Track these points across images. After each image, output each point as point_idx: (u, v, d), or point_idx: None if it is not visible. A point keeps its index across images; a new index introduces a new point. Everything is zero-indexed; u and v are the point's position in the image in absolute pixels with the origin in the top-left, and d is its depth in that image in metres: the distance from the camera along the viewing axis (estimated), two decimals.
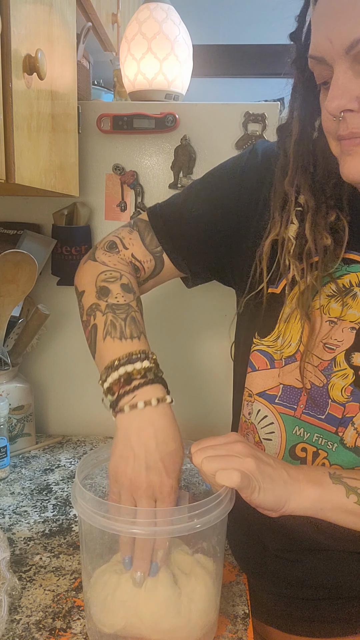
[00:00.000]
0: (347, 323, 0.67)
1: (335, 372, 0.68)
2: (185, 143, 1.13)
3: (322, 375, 0.69)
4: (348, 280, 0.67)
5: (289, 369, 0.71)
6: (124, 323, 0.68)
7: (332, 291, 0.67)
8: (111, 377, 0.64)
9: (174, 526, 0.56)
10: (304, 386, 0.70)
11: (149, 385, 0.63)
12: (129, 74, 1.16)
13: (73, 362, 1.28)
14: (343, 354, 0.67)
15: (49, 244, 1.20)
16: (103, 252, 0.78)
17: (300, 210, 0.68)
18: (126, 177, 1.18)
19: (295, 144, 0.67)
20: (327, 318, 0.67)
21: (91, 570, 0.64)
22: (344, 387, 0.68)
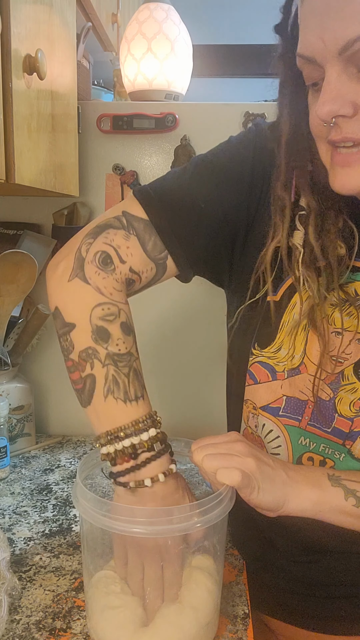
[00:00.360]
0: (352, 334, 0.64)
1: (343, 385, 0.65)
2: (185, 143, 1.13)
3: (329, 388, 0.66)
4: (353, 289, 0.64)
5: (294, 381, 0.68)
6: (127, 380, 0.62)
7: (336, 300, 0.63)
8: (114, 446, 0.60)
9: (174, 525, 0.56)
10: (309, 399, 0.67)
11: (155, 460, 0.60)
12: (129, 74, 1.16)
13: None
14: (352, 367, 0.65)
15: (49, 244, 1.20)
16: (95, 269, 0.65)
17: (305, 214, 0.64)
18: (126, 177, 1.18)
19: (287, 144, 0.63)
20: (333, 329, 0.64)
21: (92, 570, 0.64)
22: (353, 402, 0.65)
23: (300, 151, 0.62)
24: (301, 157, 0.62)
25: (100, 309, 0.64)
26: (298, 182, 0.63)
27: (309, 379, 0.66)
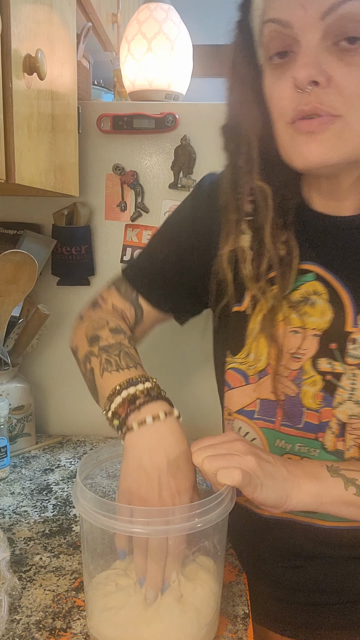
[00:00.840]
0: (309, 331, 0.67)
1: (304, 380, 0.68)
2: (185, 143, 1.13)
3: (294, 384, 0.69)
4: (305, 290, 0.68)
5: (263, 383, 0.71)
6: (118, 358, 0.68)
7: (292, 302, 0.68)
8: (114, 402, 0.63)
9: (175, 525, 0.56)
10: (278, 398, 0.70)
11: (154, 401, 0.62)
12: (129, 74, 1.16)
13: (73, 362, 1.27)
14: (310, 362, 0.68)
15: (49, 244, 1.20)
16: (87, 309, 0.81)
17: (252, 219, 0.68)
18: (126, 177, 1.18)
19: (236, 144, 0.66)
20: (291, 329, 0.68)
21: (92, 569, 0.64)
22: (315, 394, 0.68)
23: (252, 153, 0.65)
24: (252, 157, 0.65)
25: (91, 325, 0.75)
26: (245, 187, 0.66)
27: (276, 380, 0.70)
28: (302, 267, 0.68)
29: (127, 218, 1.20)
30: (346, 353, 0.66)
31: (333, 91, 0.55)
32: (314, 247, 0.68)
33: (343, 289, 0.66)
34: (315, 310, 0.67)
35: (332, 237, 0.68)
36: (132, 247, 1.21)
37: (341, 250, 0.67)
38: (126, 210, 1.20)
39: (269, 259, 0.67)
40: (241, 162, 0.66)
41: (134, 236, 1.21)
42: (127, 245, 1.22)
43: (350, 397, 0.66)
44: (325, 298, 0.67)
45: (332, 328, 0.66)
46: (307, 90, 0.55)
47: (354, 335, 0.65)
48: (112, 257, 1.23)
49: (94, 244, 1.22)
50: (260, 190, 0.66)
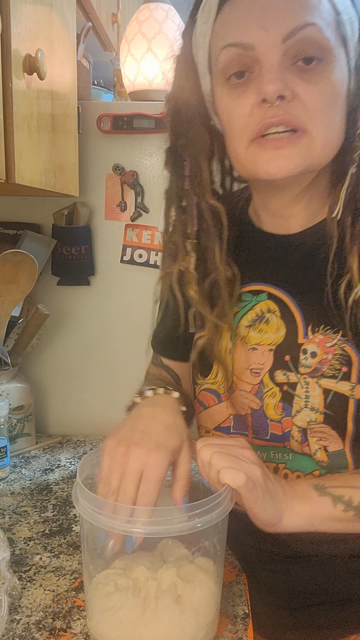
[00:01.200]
0: (265, 346, 0.71)
1: (265, 392, 0.71)
2: None
3: (257, 398, 0.72)
4: (259, 309, 0.71)
5: (232, 399, 0.75)
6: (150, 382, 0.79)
7: (249, 321, 0.72)
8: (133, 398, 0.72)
9: (174, 525, 0.56)
10: (247, 412, 0.73)
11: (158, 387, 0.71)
12: (129, 74, 1.16)
13: (73, 362, 1.28)
14: (267, 375, 0.71)
15: (49, 244, 1.20)
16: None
17: (196, 242, 0.71)
18: (126, 177, 1.18)
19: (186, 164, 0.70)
20: (250, 347, 0.72)
21: (92, 570, 0.64)
22: (275, 405, 0.71)
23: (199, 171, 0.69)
24: (200, 178, 0.69)
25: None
26: (192, 208, 0.70)
27: (242, 395, 0.73)
28: (255, 288, 0.72)
29: (127, 218, 1.20)
30: (299, 363, 0.68)
31: (298, 105, 0.58)
32: (265, 268, 0.72)
33: (293, 304, 0.69)
34: (270, 327, 0.70)
35: (280, 255, 0.71)
36: (132, 247, 1.21)
37: (289, 267, 0.70)
38: (126, 210, 1.20)
39: (215, 281, 0.71)
40: (187, 185, 0.70)
41: (134, 236, 1.21)
42: (127, 245, 1.22)
43: (306, 404, 0.68)
44: (278, 315, 0.70)
45: (285, 341, 0.69)
46: (275, 104, 0.58)
47: (305, 346, 0.68)
48: (112, 257, 1.23)
49: (94, 244, 1.22)
50: (212, 210, 0.69)
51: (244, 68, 0.60)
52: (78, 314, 1.26)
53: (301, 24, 0.57)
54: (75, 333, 1.27)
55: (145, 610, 0.58)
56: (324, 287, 0.65)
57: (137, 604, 0.59)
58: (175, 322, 0.79)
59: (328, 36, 0.58)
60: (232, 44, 0.60)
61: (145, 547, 0.66)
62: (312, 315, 0.67)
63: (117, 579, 0.61)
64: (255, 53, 0.58)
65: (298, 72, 0.58)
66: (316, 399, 0.67)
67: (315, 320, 0.67)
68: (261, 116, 0.59)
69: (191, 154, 0.69)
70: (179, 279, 0.73)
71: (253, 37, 0.58)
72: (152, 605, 0.58)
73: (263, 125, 0.59)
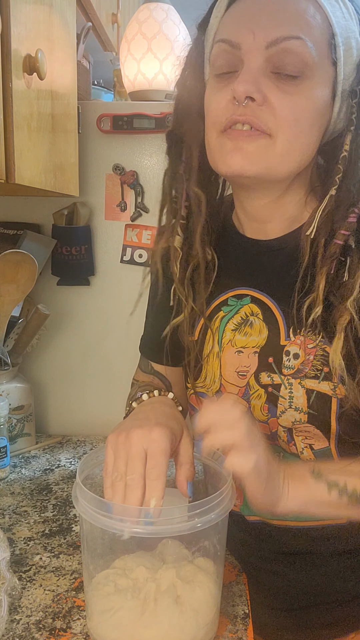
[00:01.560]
0: (250, 349, 0.72)
1: (251, 394, 0.72)
2: None
3: (244, 400, 0.73)
4: (244, 313, 0.73)
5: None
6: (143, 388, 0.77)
7: (235, 325, 0.74)
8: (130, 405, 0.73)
9: (175, 525, 0.56)
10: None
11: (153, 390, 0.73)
12: (129, 74, 1.16)
13: (73, 362, 1.28)
14: (253, 377, 0.72)
15: (49, 244, 1.20)
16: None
17: (184, 223, 0.74)
18: (126, 177, 1.18)
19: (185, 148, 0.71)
20: (236, 349, 0.73)
21: (92, 570, 0.64)
22: (261, 407, 0.71)
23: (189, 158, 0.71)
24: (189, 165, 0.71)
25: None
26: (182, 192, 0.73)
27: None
28: (240, 293, 0.74)
29: (127, 218, 1.20)
30: (282, 365, 0.69)
31: (267, 110, 0.61)
32: (248, 272, 0.74)
33: (275, 307, 0.71)
34: (254, 330, 0.72)
35: (263, 260, 0.73)
36: (132, 247, 1.21)
37: (270, 272, 0.72)
38: (126, 210, 1.20)
39: (197, 265, 0.73)
40: (181, 169, 0.72)
41: (134, 236, 1.21)
42: (127, 245, 1.22)
43: (290, 405, 0.69)
44: (260, 317, 0.72)
45: (268, 344, 0.71)
46: (243, 105, 0.61)
47: (287, 348, 0.69)
48: (112, 257, 1.23)
49: (94, 244, 1.22)
50: (196, 196, 0.72)
51: (231, 67, 0.63)
52: (78, 314, 1.26)
53: (286, 35, 0.59)
54: (75, 333, 1.27)
55: (144, 612, 0.58)
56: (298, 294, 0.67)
57: (136, 605, 0.58)
58: (164, 323, 0.80)
59: (313, 53, 0.60)
60: (223, 40, 0.63)
61: (146, 547, 0.66)
62: (293, 319, 0.68)
63: (116, 579, 0.61)
64: (241, 53, 0.61)
65: (276, 79, 0.61)
66: (300, 399, 0.68)
67: (296, 322, 0.68)
68: (230, 112, 0.62)
69: (186, 141, 0.71)
70: (164, 256, 0.76)
71: (241, 37, 0.61)
72: (151, 606, 0.58)
73: (230, 120, 0.62)
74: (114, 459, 0.60)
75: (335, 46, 0.62)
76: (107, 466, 0.61)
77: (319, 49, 0.61)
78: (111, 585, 0.60)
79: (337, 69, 0.63)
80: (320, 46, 0.61)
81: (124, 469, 0.58)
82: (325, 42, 0.62)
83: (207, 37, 0.68)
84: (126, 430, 0.60)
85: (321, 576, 0.74)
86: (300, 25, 0.60)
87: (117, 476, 0.58)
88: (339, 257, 0.64)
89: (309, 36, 0.60)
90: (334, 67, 0.63)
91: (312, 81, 0.61)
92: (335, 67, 0.63)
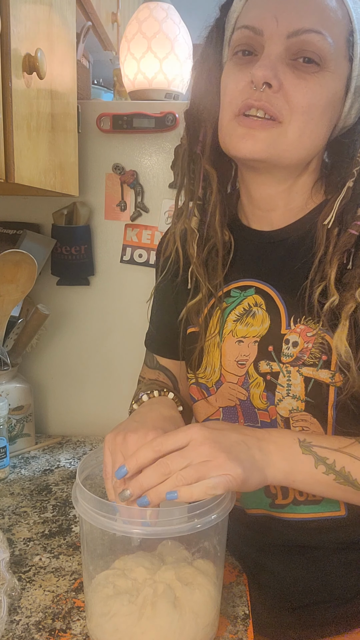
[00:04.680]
0: (250, 339, 0.73)
1: (251, 383, 0.73)
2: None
3: (243, 389, 0.74)
4: (247, 304, 0.74)
5: (220, 392, 0.77)
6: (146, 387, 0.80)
7: (237, 316, 0.75)
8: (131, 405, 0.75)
9: (175, 526, 0.56)
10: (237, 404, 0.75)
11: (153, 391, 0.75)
12: (128, 73, 1.16)
13: (73, 362, 1.28)
14: (252, 366, 0.73)
15: (49, 243, 1.20)
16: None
17: (200, 204, 0.76)
18: (126, 177, 1.18)
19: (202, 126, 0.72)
20: (236, 339, 0.74)
21: (92, 570, 0.63)
22: (260, 395, 0.73)
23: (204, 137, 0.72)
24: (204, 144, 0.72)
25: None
26: (198, 172, 0.74)
27: (229, 387, 0.75)
28: (244, 284, 0.75)
29: (127, 218, 1.20)
30: (281, 353, 0.71)
31: (282, 97, 0.62)
32: (252, 264, 0.75)
33: (278, 297, 0.72)
34: (256, 320, 0.73)
35: (267, 251, 0.74)
36: (131, 246, 1.21)
37: (273, 261, 0.74)
38: (126, 210, 1.20)
39: (214, 246, 0.75)
40: (198, 149, 0.74)
41: (134, 236, 1.21)
42: (127, 245, 1.21)
43: (288, 392, 0.70)
44: (263, 307, 0.73)
45: (269, 333, 0.72)
46: (261, 90, 0.62)
47: (287, 336, 0.70)
48: (112, 257, 1.23)
49: (94, 243, 1.22)
50: (210, 174, 0.74)
51: (251, 49, 0.65)
52: (78, 314, 1.26)
53: (307, 28, 0.61)
54: (75, 333, 1.27)
55: (141, 617, 0.58)
56: (304, 282, 0.68)
57: (133, 611, 0.58)
58: (173, 314, 0.81)
59: (331, 48, 0.62)
60: (246, 26, 0.64)
61: (145, 548, 0.65)
62: (295, 308, 0.70)
63: (116, 580, 0.61)
64: (262, 39, 0.63)
65: (294, 67, 0.62)
66: (297, 387, 0.69)
67: (297, 312, 0.70)
68: (247, 95, 0.64)
69: (202, 120, 0.72)
70: (182, 236, 0.78)
71: (265, 24, 0.62)
72: (148, 611, 0.58)
73: (245, 104, 0.64)
74: (112, 461, 0.62)
75: (354, 43, 0.64)
76: (107, 467, 0.62)
77: (337, 45, 0.62)
78: (110, 587, 0.60)
79: (353, 65, 0.64)
80: (339, 42, 0.63)
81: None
82: (344, 39, 0.63)
83: (229, 19, 0.69)
84: (123, 432, 0.62)
85: (322, 573, 0.75)
86: (322, 19, 0.62)
87: (116, 482, 0.60)
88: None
89: (329, 31, 0.62)
90: (350, 63, 0.64)
91: (327, 73, 0.63)
92: (351, 63, 0.64)
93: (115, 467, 0.61)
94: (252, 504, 0.76)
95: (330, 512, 0.72)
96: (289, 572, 0.76)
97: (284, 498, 0.73)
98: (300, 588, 0.75)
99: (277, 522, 0.74)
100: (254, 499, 0.75)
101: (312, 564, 0.75)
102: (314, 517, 0.72)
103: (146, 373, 0.89)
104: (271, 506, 0.74)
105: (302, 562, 0.75)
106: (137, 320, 1.24)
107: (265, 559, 0.77)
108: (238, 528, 0.78)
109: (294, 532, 0.74)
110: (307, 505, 0.72)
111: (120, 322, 1.25)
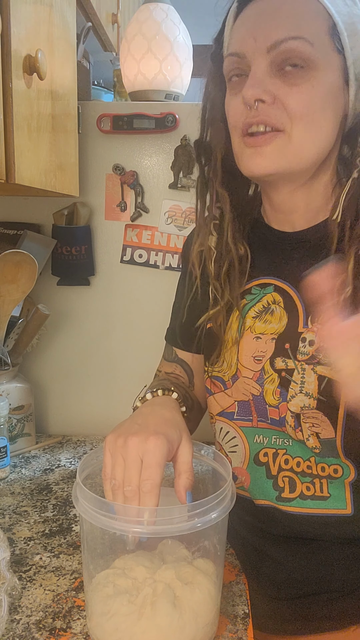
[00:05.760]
0: (268, 335, 0.75)
1: (265, 379, 0.75)
2: (185, 143, 1.14)
3: (257, 384, 0.76)
4: (266, 301, 0.76)
5: (236, 386, 0.78)
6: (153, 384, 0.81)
7: (256, 312, 0.77)
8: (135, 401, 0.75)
9: (175, 525, 0.56)
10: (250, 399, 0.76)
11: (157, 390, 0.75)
12: (128, 74, 1.16)
13: (73, 362, 1.28)
14: (268, 362, 0.75)
15: (49, 244, 1.20)
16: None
17: (217, 223, 0.80)
18: (126, 177, 1.18)
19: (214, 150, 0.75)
20: (254, 335, 0.76)
21: (92, 569, 0.64)
22: (274, 391, 0.74)
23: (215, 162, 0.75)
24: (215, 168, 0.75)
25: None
26: (213, 194, 0.77)
27: (245, 382, 0.77)
28: (264, 282, 0.77)
29: (127, 218, 1.20)
30: (297, 351, 0.72)
31: (279, 107, 0.64)
32: (272, 262, 0.77)
33: (296, 295, 0.74)
34: (274, 318, 0.75)
35: (287, 251, 0.76)
36: (132, 247, 1.21)
37: (293, 262, 0.75)
38: (126, 210, 1.20)
39: (231, 263, 0.77)
40: (211, 173, 0.76)
41: (134, 236, 1.21)
42: (127, 245, 1.22)
43: (301, 389, 0.72)
44: (282, 305, 0.75)
45: (287, 331, 0.74)
46: (255, 108, 0.64)
47: (304, 335, 0.72)
48: (112, 257, 1.23)
49: (94, 244, 1.22)
50: (222, 196, 0.76)
51: (241, 72, 0.67)
52: (78, 314, 1.26)
53: (284, 37, 0.62)
54: (75, 333, 1.27)
55: (141, 618, 0.58)
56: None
57: (132, 611, 0.58)
58: (196, 313, 0.83)
59: (314, 48, 0.63)
60: (230, 53, 0.67)
61: (146, 547, 0.66)
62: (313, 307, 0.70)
63: (116, 580, 0.61)
64: (247, 60, 0.65)
65: (283, 76, 0.64)
66: (311, 384, 0.71)
67: (315, 311, 0.71)
68: (245, 115, 0.66)
69: (212, 146, 0.75)
70: (200, 257, 0.80)
71: (245, 45, 0.65)
72: (148, 611, 0.58)
73: (245, 124, 0.66)
74: (112, 464, 0.62)
75: (339, 34, 0.64)
76: (106, 468, 0.62)
77: (320, 42, 0.63)
78: (110, 586, 0.60)
79: (346, 55, 0.65)
80: (320, 38, 0.63)
81: (122, 476, 0.60)
82: (326, 33, 0.64)
83: (224, 50, 0.72)
84: (124, 435, 0.62)
85: (323, 564, 0.75)
86: (296, 24, 0.63)
87: (115, 484, 0.60)
88: None
89: (307, 32, 0.62)
90: (341, 54, 0.65)
91: (317, 71, 0.64)
92: (342, 54, 0.65)
93: (115, 469, 0.61)
94: (259, 495, 0.77)
95: (337, 509, 0.72)
96: (289, 560, 0.76)
97: (291, 492, 0.74)
98: (300, 577, 0.76)
99: (283, 514, 0.75)
100: (262, 490, 0.76)
101: (314, 554, 0.75)
102: (320, 512, 0.73)
103: (163, 366, 0.91)
104: (277, 499, 0.75)
105: (303, 551, 0.76)
106: (137, 320, 1.24)
107: (267, 546, 0.78)
108: (243, 515, 0.79)
109: (298, 524, 0.74)
110: (314, 501, 0.73)
111: (121, 322, 1.25)
